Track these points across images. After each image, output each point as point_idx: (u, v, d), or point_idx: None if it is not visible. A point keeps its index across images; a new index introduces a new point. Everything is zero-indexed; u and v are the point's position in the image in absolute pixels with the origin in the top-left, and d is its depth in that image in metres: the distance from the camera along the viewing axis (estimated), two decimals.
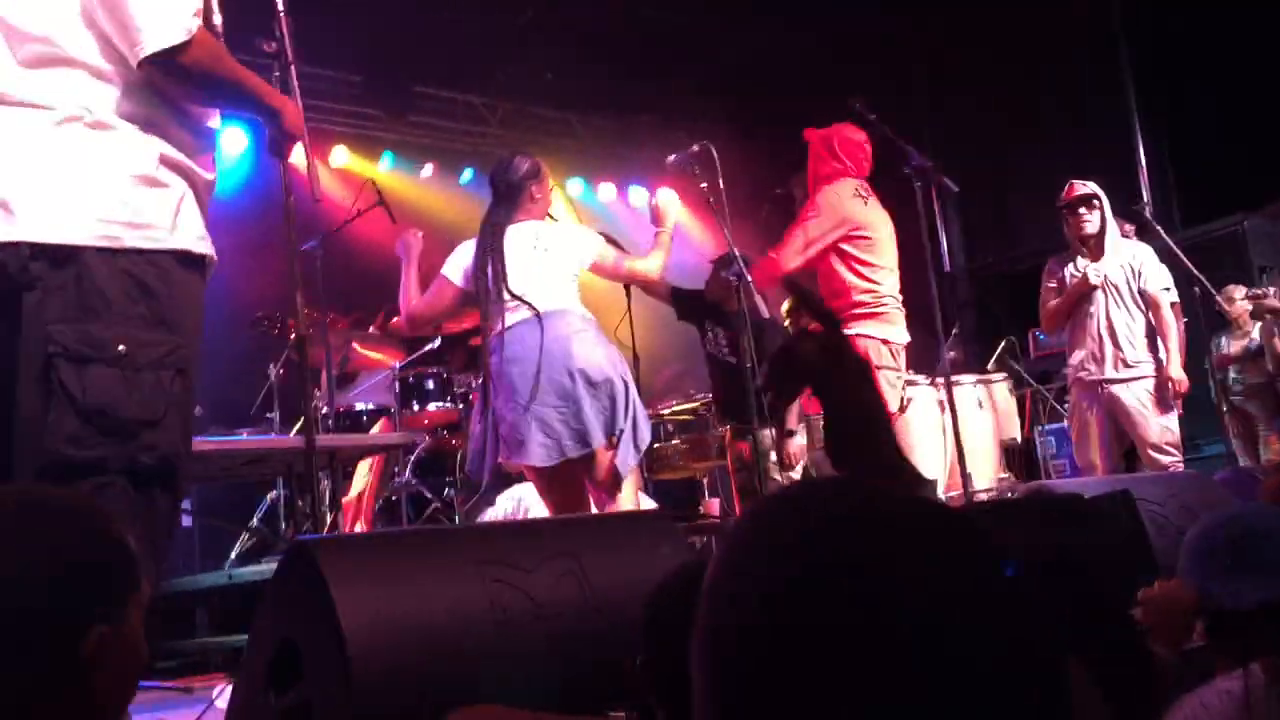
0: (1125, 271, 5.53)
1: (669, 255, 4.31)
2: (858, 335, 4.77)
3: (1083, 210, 5.56)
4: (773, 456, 5.25)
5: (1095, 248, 5.57)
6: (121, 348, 2.13)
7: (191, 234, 2.29)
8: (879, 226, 4.82)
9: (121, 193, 2.18)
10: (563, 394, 3.83)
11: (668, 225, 4.28)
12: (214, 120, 2.45)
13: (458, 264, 4.17)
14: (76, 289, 2.14)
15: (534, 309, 3.93)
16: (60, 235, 2.14)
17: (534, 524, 3.45)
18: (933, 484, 4.46)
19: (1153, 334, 5.49)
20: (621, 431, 3.89)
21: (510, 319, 3.96)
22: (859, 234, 4.71)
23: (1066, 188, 5.62)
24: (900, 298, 4.83)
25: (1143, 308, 5.51)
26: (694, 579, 1.66)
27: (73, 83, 2.20)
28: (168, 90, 2.27)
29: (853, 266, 4.70)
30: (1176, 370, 5.38)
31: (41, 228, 2.14)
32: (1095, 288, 5.53)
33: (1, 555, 1.12)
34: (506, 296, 3.96)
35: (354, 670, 1.88)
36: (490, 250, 4.05)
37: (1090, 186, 5.59)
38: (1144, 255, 5.61)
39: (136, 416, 2.15)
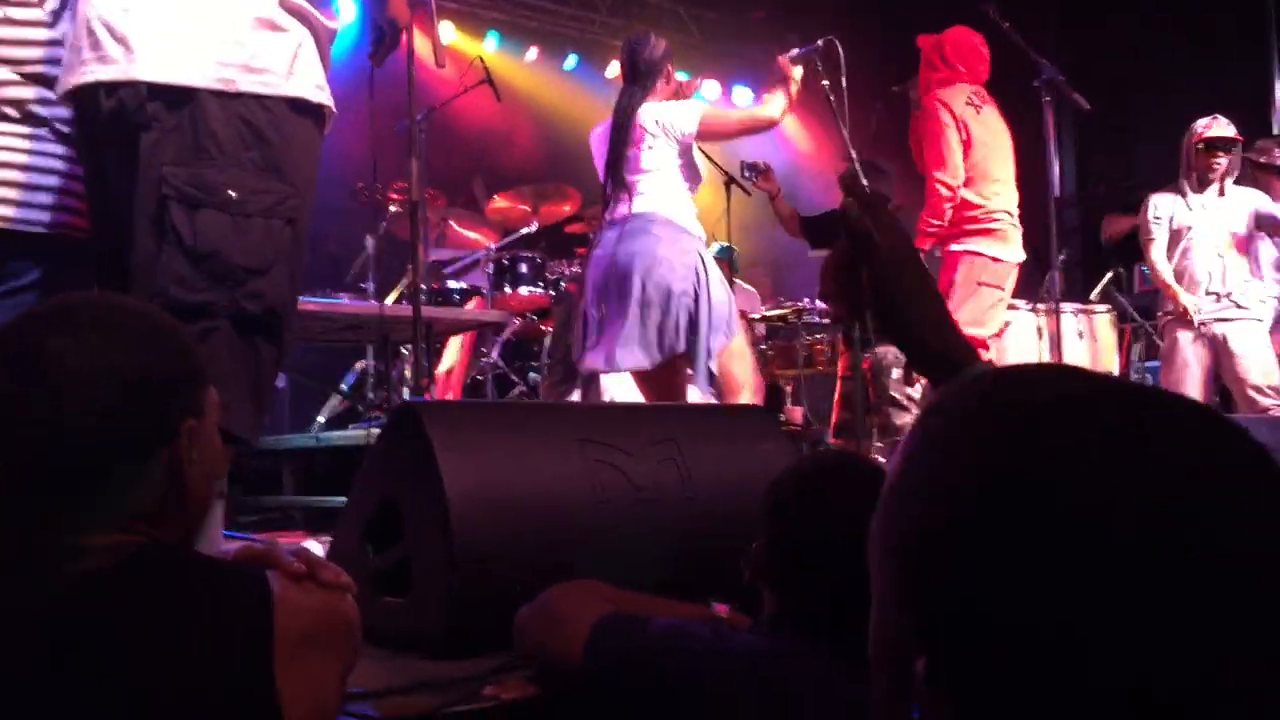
0: (1239, 215, 5.34)
1: (790, 105, 4.16)
2: (966, 251, 4.66)
3: (1220, 153, 5.31)
4: (895, 373, 5.19)
5: (1215, 190, 5.35)
6: (232, 192, 2.12)
7: (309, 81, 2.25)
8: (997, 136, 4.66)
9: (239, 35, 2.15)
10: (621, 307, 3.84)
11: (795, 78, 4.13)
12: None
13: (596, 143, 4.21)
14: (191, 131, 2.12)
15: (630, 208, 3.93)
16: (176, 76, 2.12)
17: (638, 408, 3.43)
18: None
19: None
20: (682, 354, 3.86)
21: (620, 210, 3.95)
22: (967, 140, 4.58)
23: (1207, 122, 5.34)
24: (1015, 214, 4.68)
25: (1254, 248, 5.32)
26: (822, 469, 1.63)
27: None
28: None
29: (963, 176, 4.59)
30: None
31: (158, 67, 2.12)
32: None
33: (95, 356, 1.11)
34: (632, 179, 3.96)
35: (454, 535, 1.89)
36: (617, 134, 4.01)
37: (1232, 129, 5.33)
38: (1259, 200, 5.40)
39: (244, 263, 2.14)
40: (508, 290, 6.06)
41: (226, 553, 1.80)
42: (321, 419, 5.67)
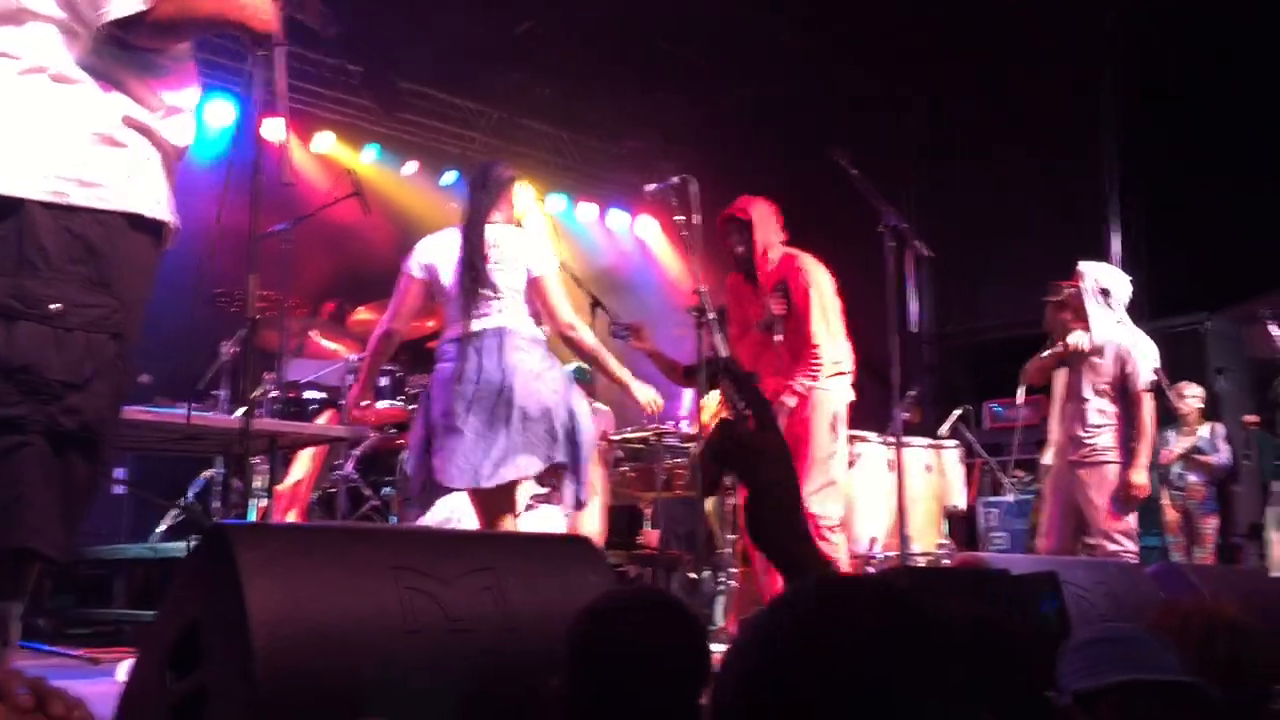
0: (1109, 359, 5.43)
1: (606, 370, 4.25)
2: (833, 394, 4.83)
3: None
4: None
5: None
6: (55, 306, 2.08)
7: (147, 197, 2.24)
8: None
9: (77, 149, 2.14)
10: (492, 420, 3.79)
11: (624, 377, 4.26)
12: (192, 90, 2.41)
13: (420, 260, 4.10)
14: (17, 242, 2.09)
15: (492, 323, 3.92)
16: (6, 187, 2.10)
17: (457, 534, 3.42)
18: (836, 564, 4.53)
19: (1124, 426, 5.37)
20: (563, 464, 3.87)
21: (475, 325, 3.91)
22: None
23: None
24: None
25: (1116, 395, 5.41)
26: (621, 608, 1.65)
27: (38, 36, 2.16)
28: (134, 44, 2.24)
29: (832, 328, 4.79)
30: (1139, 474, 5.27)
31: None
32: (1077, 350, 5.51)
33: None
34: (486, 293, 3.92)
35: (256, 662, 1.84)
36: (472, 238, 4.00)
37: (1081, 266, 5.58)
38: (1134, 344, 5.47)
39: (61, 378, 2.09)
40: (365, 403, 5.98)
41: None
42: (161, 528, 5.49)
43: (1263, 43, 7.81)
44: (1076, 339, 5.47)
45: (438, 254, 4.07)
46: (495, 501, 3.88)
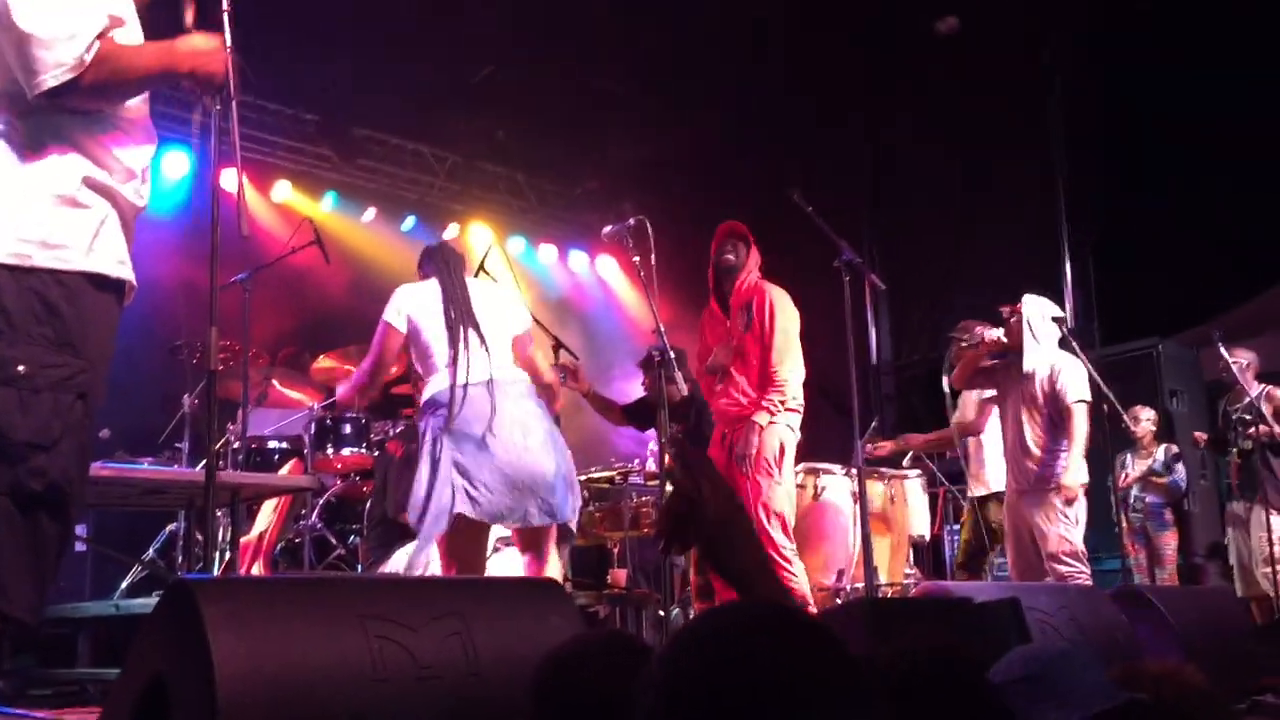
0: (1040, 382, 5.60)
1: (558, 403, 4.43)
2: (783, 425, 4.87)
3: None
4: None
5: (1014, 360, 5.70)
6: (21, 368, 2.10)
7: (109, 257, 2.26)
8: None
9: (37, 212, 2.17)
10: (535, 463, 3.91)
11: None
12: (148, 147, 2.43)
13: (401, 308, 4.10)
14: None
15: (497, 365, 4.00)
16: None
17: (423, 581, 3.42)
18: (796, 592, 4.62)
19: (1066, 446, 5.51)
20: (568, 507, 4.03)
21: (474, 373, 3.94)
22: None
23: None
24: None
25: (1054, 419, 5.55)
26: (583, 654, 1.67)
27: None
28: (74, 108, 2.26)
29: (793, 361, 4.84)
30: (1068, 477, 5.42)
31: None
32: (991, 344, 5.69)
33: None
34: (475, 343, 3.96)
35: (223, 717, 1.84)
36: (455, 294, 4.06)
37: (1024, 299, 5.73)
38: (1062, 363, 5.63)
39: (28, 439, 2.11)
40: (330, 451, 5.98)
41: None
42: (124, 585, 5.42)
43: (1207, 67, 8.01)
44: (992, 333, 5.67)
45: (417, 304, 4.09)
46: (477, 543, 3.99)
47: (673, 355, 4.25)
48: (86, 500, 2.38)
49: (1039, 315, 5.68)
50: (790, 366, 4.89)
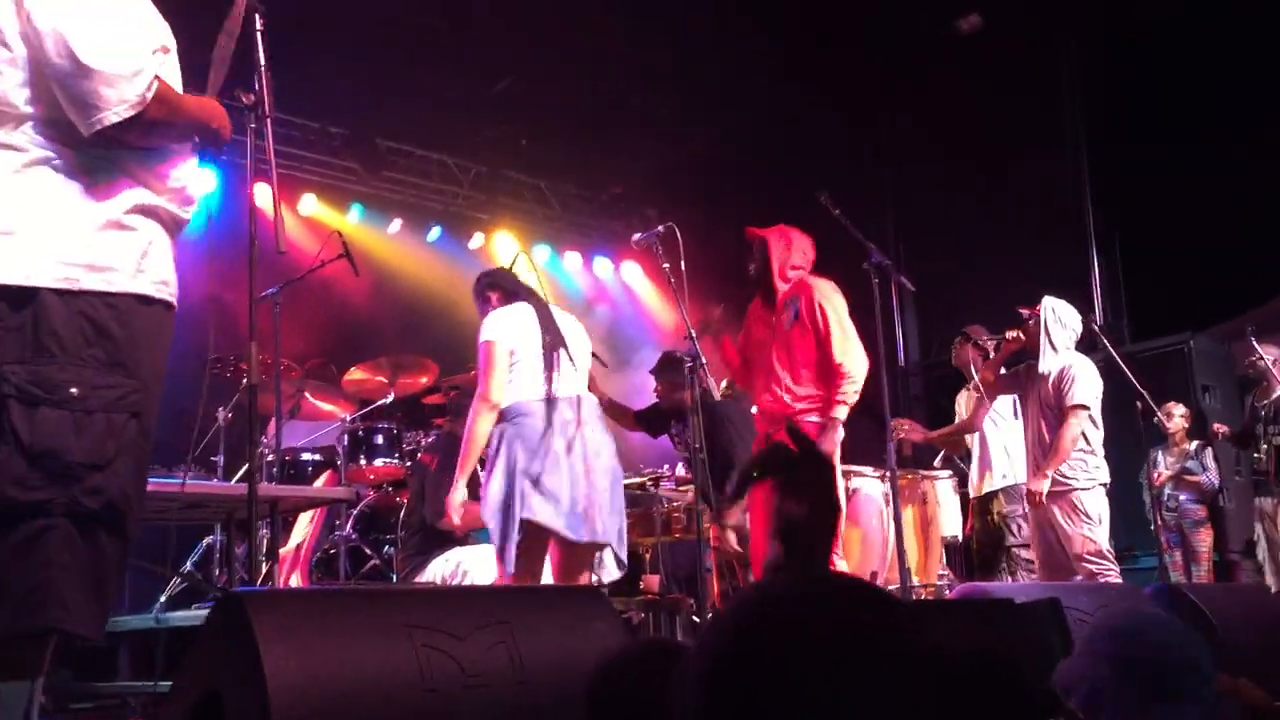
0: (1052, 383, 5.60)
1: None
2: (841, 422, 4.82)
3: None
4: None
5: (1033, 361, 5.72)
6: (74, 390, 2.13)
7: (154, 278, 2.30)
8: None
9: (84, 235, 2.20)
10: (603, 486, 4.19)
11: None
12: (191, 163, 2.47)
13: (501, 329, 4.30)
14: (33, 330, 2.14)
15: (580, 385, 4.33)
16: (18, 276, 2.15)
17: (467, 590, 3.45)
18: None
19: (1085, 445, 5.51)
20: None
21: (563, 389, 4.21)
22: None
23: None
24: None
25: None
26: (635, 662, 1.68)
27: (46, 128, 2.22)
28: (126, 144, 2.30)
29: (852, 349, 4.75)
30: (1037, 483, 5.49)
31: (2, 269, 2.15)
32: (1015, 342, 5.70)
33: None
34: (566, 363, 4.25)
35: None
36: (549, 318, 4.36)
37: (1044, 300, 5.72)
38: (1073, 364, 5.62)
39: (84, 460, 2.14)
40: (363, 462, 6.02)
41: None
42: (163, 598, 5.47)
43: (1239, 60, 7.96)
44: (1012, 333, 5.65)
45: (513, 325, 4.34)
46: (583, 557, 4.17)
47: (705, 361, 4.26)
48: (142, 517, 2.41)
49: (1056, 318, 5.69)
50: (855, 357, 4.71)
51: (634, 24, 7.77)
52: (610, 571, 4.23)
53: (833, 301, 4.79)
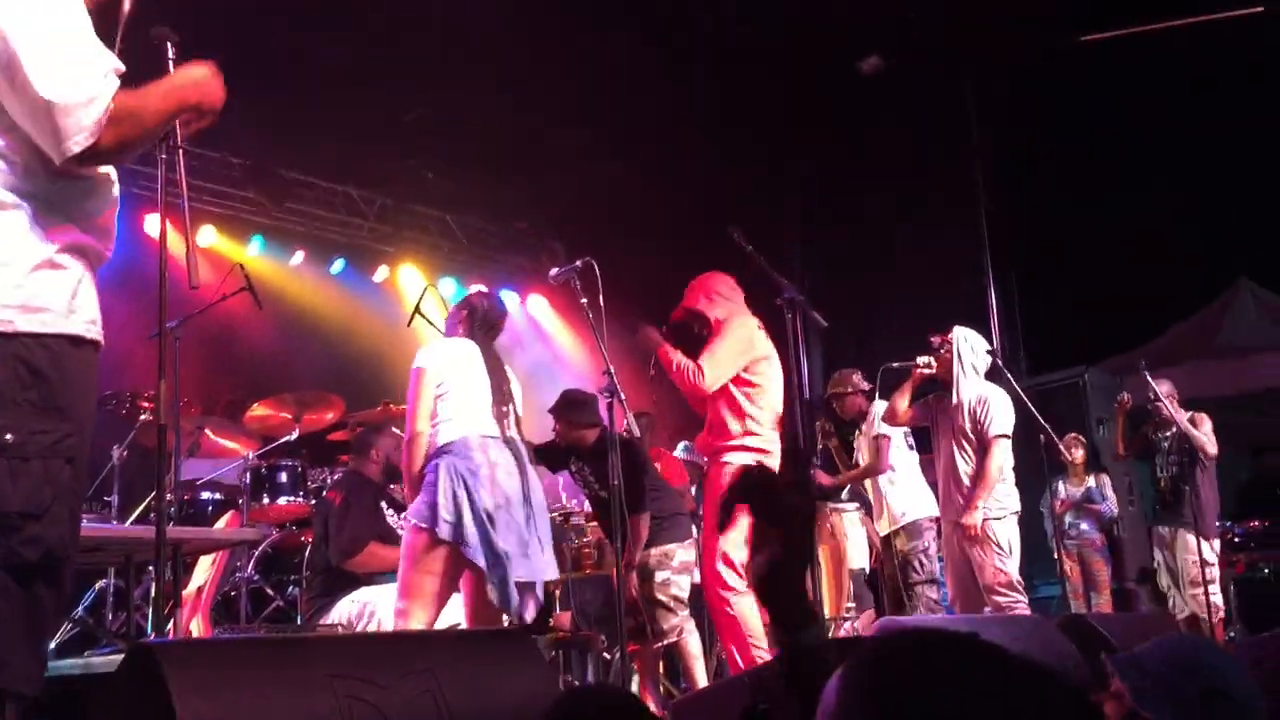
0: (967, 412, 5.67)
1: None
2: (733, 464, 4.80)
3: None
4: (658, 576, 5.34)
5: (949, 395, 5.78)
6: (9, 436, 2.05)
7: (85, 317, 2.22)
8: (774, 359, 4.88)
9: (16, 276, 2.12)
10: (545, 524, 4.31)
11: None
12: (114, 198, 2.38)
13: (434, 359, 4.29)
14: None
15: (519, 433, 4.34)
16: None
17: (391, 637, 3.36)
18: (823, 619, 4.63)
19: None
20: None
21: (501, 430, 4.22)
22: (761, 358, 4.76)
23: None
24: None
25: (981, 450, 5.61)
26: (575, 712, 1.64)
27: None
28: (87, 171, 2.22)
29: (749, 395, 4.71)
30: (971, 515, 5.49)
31: None
32: (923, 370, 5.80)
33: None
34: (507, 411, 4.27)
35: None
36: (497, 363, 4.40)
37: (955, 330, 5.83)
38: (989, 395, 5.70)
39: (20, 509, 2.06)
40: (266, 500, 5.86)
41: None
42: (52, 644, 5.23)
43: (1132, 98, 8.26)
44: (924, 359, 5.77)
45: (448, 358, 4.32)
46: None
47: (623, 397, 4.25)
48: (77, 562, 2.31)
49: (969, 347, 5.77)
50: (709, 370, 4.76)
51: (543, 56, 7.78)
52: (530, 610, 4.16)
53: (731, 322, 4.84)
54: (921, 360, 5.87)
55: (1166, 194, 8.32)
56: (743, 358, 4.73)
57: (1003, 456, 5.57)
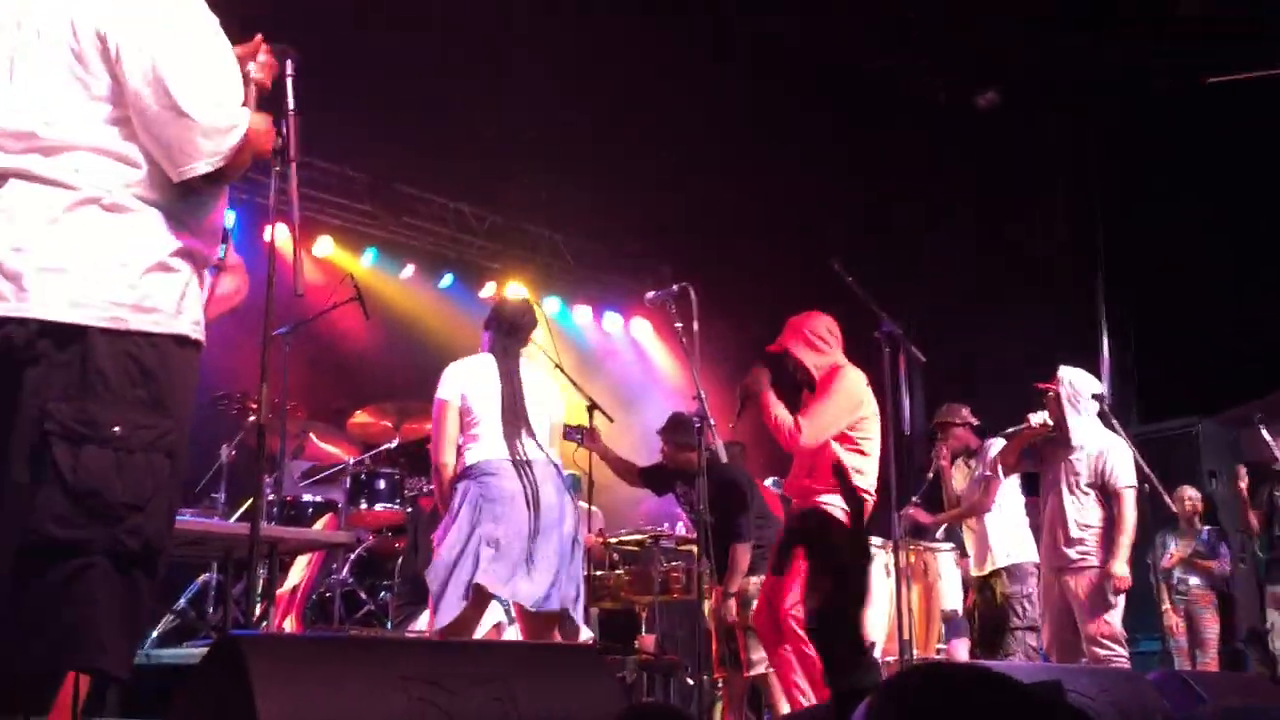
0: (1087, 461, 5.56)
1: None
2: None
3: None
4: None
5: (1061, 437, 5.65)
6: (117, 429, 2.14)
7: (191, 318, 2.32)
8: (877, 414, 4.77)
9: (131, 276, 2.22)
10: (564, 551, 4.08)
11: None
12: (224, 205, 2.49)
13: (455, 386, 4.29)
14: (80, 368, 2.15)
15: (539, 449, 4.19)
16: (69, 315, 2.16)
17: (467, 645, 3.42)
18: (876, 662, 4.51)
19: (1109, 526, 5.47)
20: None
21: (521, 452, 4.13)
22: (867, 416, 4.66)
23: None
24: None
25: (1099, 498, 5.51)
26: None
27: (96, 166, 2.23)
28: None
29: (853, 451, 4.61)
30: (1119, 565, 5.36)
31: (52, 306, 2.15)
32: (1043, 428, 5.64)
33: None
34: (521, 428, 4.16)
35: None
36: (511, 377, 4.27)
37: (1061, 371, 5.70)
38: (1111, 445, 5.60)
39: (125, 500, 2.14)
40: (364, 506, 6.00)
41: None
42: (154, 633, 5.42)
43: (1247, 144, 8.01)
44: (1038, 417, 5.59)
45: (468, 379, 4.30)
46: (548, 621, 4.10)
47: (713, 423, 4.25)
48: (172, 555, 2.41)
49: (1076, 388, 5.63)
50: (813, 427, 4.59)
51: (664, 81, 7.85)
52: (584, 634, 4.20)
53: (838, 379, 4.67)
54: (1035, 419, 5.72)
55: None
56: (847, 417, 4.58)
57: (1134, 508, 5.47)
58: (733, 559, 5.45)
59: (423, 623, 5.23)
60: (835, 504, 4.49)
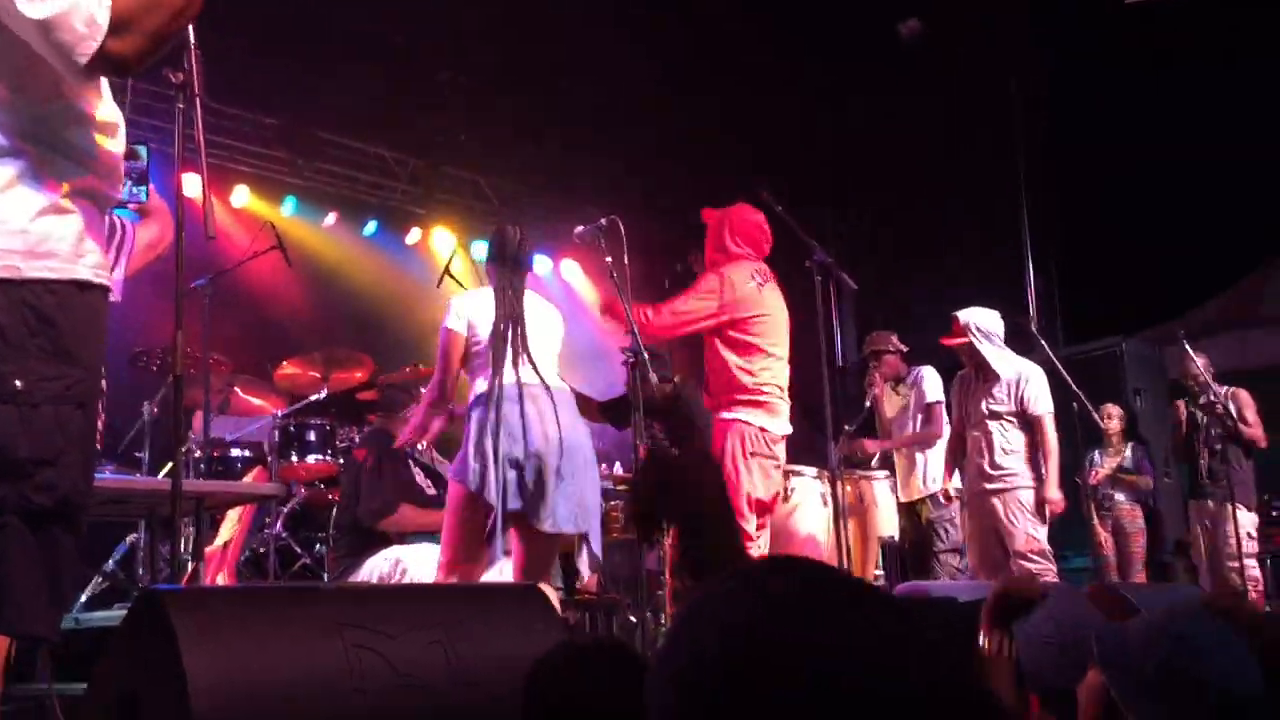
0: (1006, 389, 5.74)
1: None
2: (734, 420, 4.78)
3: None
4: None
5: (983, 372, 5.80)
6: (18, 383, 2.04)
7: (91, 262, 2.20)
8: (774, 312, 4.84)
9: (21, 222, 2.09)
10: (579, 474, 4.09)
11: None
12: (121, 137, 2.34)
13: (463, 316, 4.23)
14: None
15: (543, 379, 4.14)
16: None
17: (401, 589, 3.37)
18: None
19: (1032, 449, 5.68)
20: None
21: (526, 378, 4.08)
22: (750, 315, 4.73)
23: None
24: (784, 388, 4.86)
25: (1020, 424, 5.72)
26: (574, 659, 1.62)
27: None
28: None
29: (737, 349, 4.71)
30: (1053, 491, 5.60)
31: None
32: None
33: None
34: (524, 359, 4.11)
35: None
36: (512, 310, 4.21)
37: (961, 319, 5.80)
38: (1028, 373, 5.79)
39: (32, 455, 2.05)
40: (294, 458, 5.88)
41: None
42: (84, 598, 5.30)
43: (1172, 68, 8.09)
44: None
45: (474, 310, 4.25)
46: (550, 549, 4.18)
47: (648, 356, 4.21)
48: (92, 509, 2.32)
49: (984, 327, 5.81)
50: (676, 311, 4.88)
51: (572, 19, 7.70)
52: (585, 570, 4.18)
53: (708, 276, 4.81)
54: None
55: (1206, 163, 8.14)
56: (705, 309, 4.72)
57: (1054, 431, 5.69)
58: None
59: (365, 573, 5.15)
60: (739, 418, 4.62)
